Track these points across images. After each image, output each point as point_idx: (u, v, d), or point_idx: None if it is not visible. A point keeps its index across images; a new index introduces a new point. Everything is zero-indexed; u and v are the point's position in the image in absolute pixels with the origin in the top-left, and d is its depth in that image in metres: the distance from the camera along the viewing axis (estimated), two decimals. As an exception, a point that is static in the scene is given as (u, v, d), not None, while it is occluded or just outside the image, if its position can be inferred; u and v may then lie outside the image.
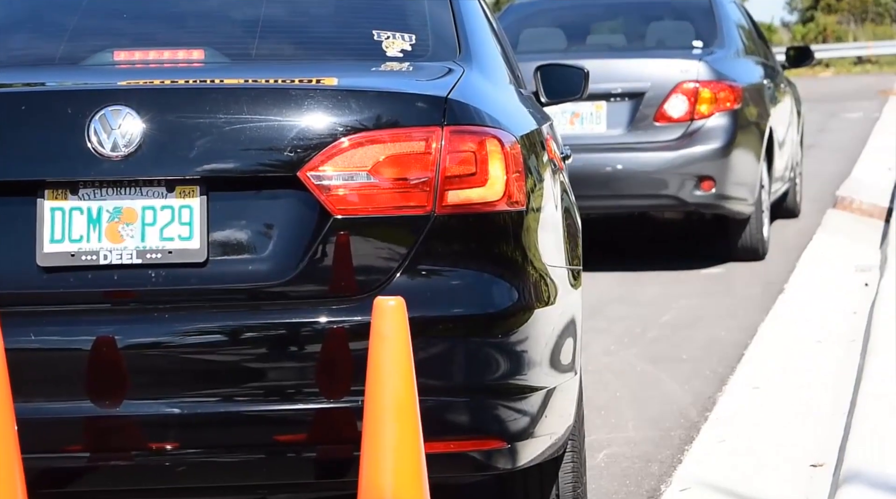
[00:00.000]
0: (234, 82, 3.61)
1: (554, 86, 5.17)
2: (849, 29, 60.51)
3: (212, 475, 3.46)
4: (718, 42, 9.79)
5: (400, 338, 3.00)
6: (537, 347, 3.54)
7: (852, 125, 20.38)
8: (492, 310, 3.45)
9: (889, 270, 7.82)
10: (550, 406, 3.62)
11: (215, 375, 3.39)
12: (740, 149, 9.18)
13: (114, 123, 3.40)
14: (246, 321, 3.39)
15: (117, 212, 3.42)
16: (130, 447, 3.39)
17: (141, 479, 3.46)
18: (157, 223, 3.42)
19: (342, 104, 3.46)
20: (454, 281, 3.46)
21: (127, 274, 3.41)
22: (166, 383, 3.37)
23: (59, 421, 3.38)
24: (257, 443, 3.41)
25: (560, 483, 3.97)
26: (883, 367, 5.59)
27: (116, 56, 3.97)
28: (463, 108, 3.50)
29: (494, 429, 3.45)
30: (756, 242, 9.44)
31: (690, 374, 6.37)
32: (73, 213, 3.42)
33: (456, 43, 4.02)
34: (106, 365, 3.36)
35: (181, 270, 3.41)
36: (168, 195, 3.42)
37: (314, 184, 3.40)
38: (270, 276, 3.40)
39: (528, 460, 3.57)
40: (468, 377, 3.42)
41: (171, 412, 3.36)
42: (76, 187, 3.42)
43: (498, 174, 3.48)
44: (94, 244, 3.40)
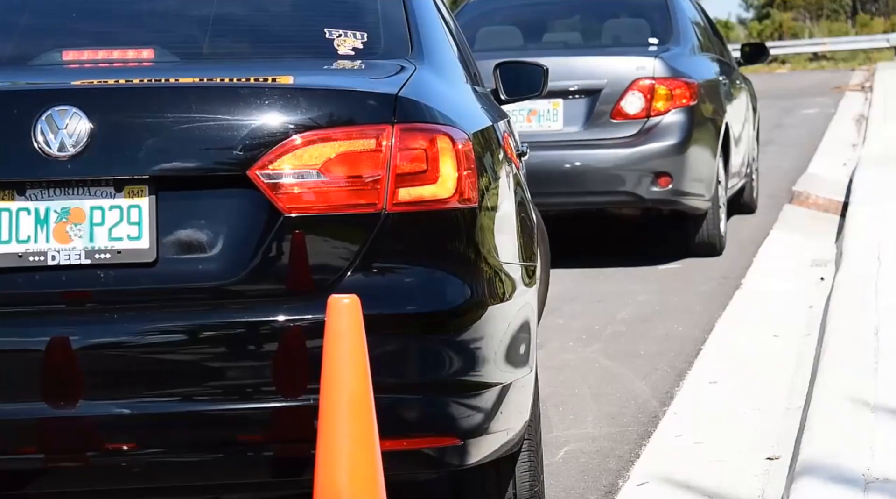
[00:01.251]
0: (183, 81, 3.61)
1: (513, 83, 5.20)
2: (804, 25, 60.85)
3: (167, 476, 3.44)
4: (674, 39, 9.82)
5: (355, 336, 2.99)
6: (490, 344, 3.54)
7: (808, 121, 20.49)
8: (444, 307, 3.45)
9: (844, 265, 7.88)
10: (505, 403, 3.61)
11: (166, 375, 3.37)
12: (697, 145, 9.21)
13: (60, 123, 3.38)
14: (196, 321, 3.38)
15: (65, 212, 3.40)
16: (82, 448, 3.37)
17: (96, 480, 3.44)
18: (106, 223, 3.40)
19: (292, 102, 3.45)
20: (406, 279, 3.46)
21: (76, 274, 3.38)
22: (117, 384, 3.35)
23: (10, 423, 3.35)
24: (210, 442, 3.39)
25: (517, 480, 3.96)
26: (838, 361, 5.63)
27: (65, 56, 3.95)
28: (413, 106, 3.50)
29: (447, 426, 3.45)
30: (713, 237, 9.48)
31: (648, 369, 6.39)
32: (21, 213, 3.40)
33: (408, 40, 4.01)
34: (56, 366, 3.34)
35: (130, 270, 3.39)
36: (116, 195, 3.41)
37: (264, 182, 3.39)
38: (220, 275, 3.39)
39: (482, 456, 3.57)
40: (420, 375, 3.42)
41: (122, 413, 3.34)
42: (23, 188, 3.40)
43: (449, 172, 3.48)
44: (42, 245, 3.38)
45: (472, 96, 4.22)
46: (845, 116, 20.79)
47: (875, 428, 4.63)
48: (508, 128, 4.61)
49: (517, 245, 3.92)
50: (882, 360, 5.56)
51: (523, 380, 3.78)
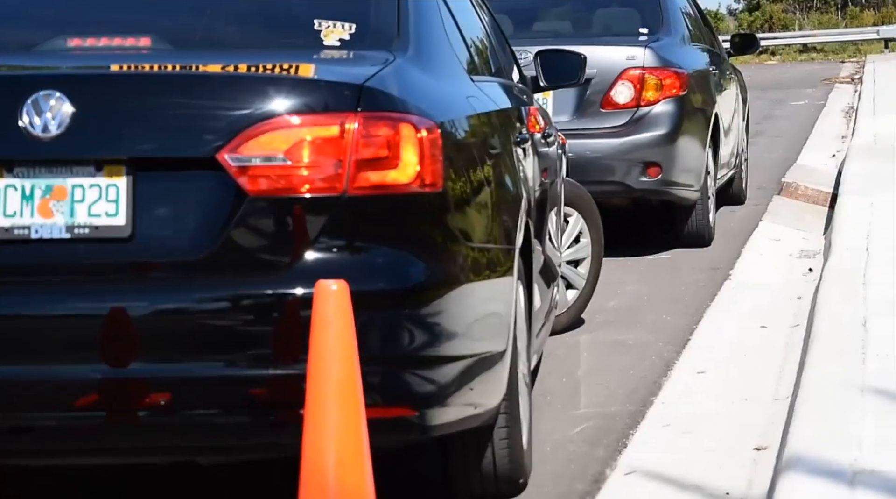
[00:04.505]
0: (159, 69, 3.88)
1: (552, 71, 5.62)
2: (794, 17, 60.85)
3: (139, 436, 3.67)
4: (664, 29, 9.81)
5: (342, 321, 2.99)
6: (449, 322, 3.71)
7: (797, 112, 20.51)
8: (398, 285, 3.63)
9: (833, 256, 7.88)
10: (467, 378, 3.80)
11: (137, 341, 3.57)
12: (686, 135, 9.21)
13: (45, 107, 3.60)
14: (165, 293, 3.59)
15: (49, 189, 3.61)
16: (57, 408, 3.59)
17: (73, 439, 3.66)
18: (86, 200, 3.60)
19: (261, 90, 3.67)
20: (363, 258, 3.64)
21: (56, 248, 3.60)
22: (93, 349, 3.56)
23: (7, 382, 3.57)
24: (178, 405, 3.59)
25: (496, 453, 4.18)
26: (827, 352, 5.63)
27: (56, 43, 4.15)
28: (378, 95, 3.69)
29: (402, 398, 3.64)
30: (702, 228, 9.47)
31: (636, 359, 6.38)
32: (8, 190, 3.61)
33: (395, 32, 4.16)
34: (36, 333, 3.58)
35: (107, 246, 3.60)
36: (96, 174, 3.61)
37: (231, 165, 3.58)
38: (189, 251, 3.59)
39: (441, 428, 3.78)
40: (375, 348, 3.57)
41: (95, 377, 3.55)
42: (11, 166, 3.62)
43: (411, 158, 3.66)
44: (27, 219, 3.60)
45: (463, 86, 4.32)
46: (835, 108, 20.81)
47: (863, 419, 4.63)
48: (518, 116, 4.81)
49: (490, 229, 4.06)
50: (870, 351, 5.56)
51: (490, 357, 3.96)
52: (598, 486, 4.59)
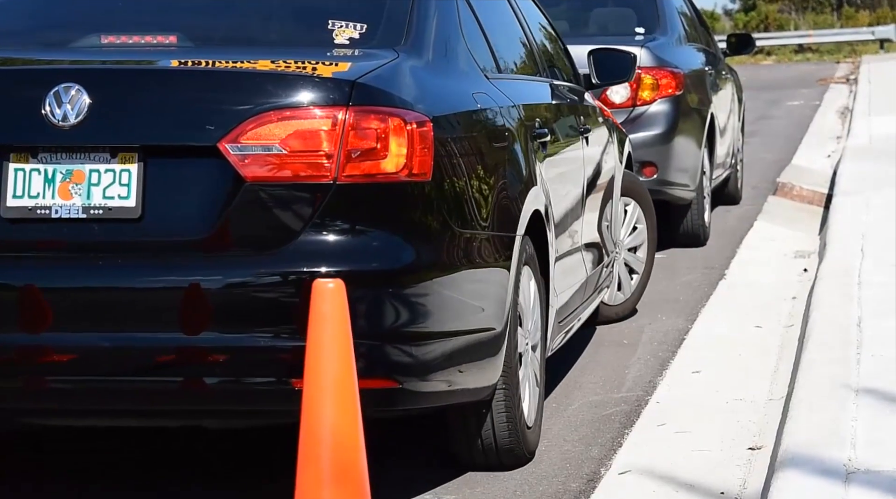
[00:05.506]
0: (168, 65, 4.23)
1: (604, 69, 6.06)
2: (790, 17, 60.90)
3: (139, 399, 3.98)
4: (661, 29, 9.81)
5: (339, 319, 3.00)
6: (434, 302, 3.99)
7: (793, 113, 20.52)
8: (382, 267, 3.91)
9: (828, 256, 7.89)
10: (454, 355, 4.09)
11: (146, 312, 3.90)
12: (682, 135, 9.21)
13: (65, 98, 3.94)
14: (171, 269, 3.90)
15: (69, 173, 3.96)
16: (72, 371, 3.92)
17: (87, 400, 3.99)
18: (101, 184, 3.94)
19: (260, 85, 3.99)
20: (351, 241, 3.92)
21: (74, 227, 3.95)
22: (105, 319, 3.89)
23: (13, 347, 3.90)
24: (178, 370, 3.91)
25: (495, 427, 4.48)
26: (821, 352, 5.64)
27: (86, 40, 4.53)
28: (369, 91, 3.98)
29: (387, 370, 3.91)
30: (697, 227, 9.48)
31: (632, 358, 6.39)
32: (33, 173, 3.97)
33: (404, 32, 4.44)
34: (55, 302, 3.91)
35: (119, 225, 3.94)
36: (111, 160, 3.95)
37: (231, 153, 3.90)
38: (192, 232, 3.91)
39: (425, 400, 4.08)
40: (362, 324, 3.83)
41: (108, 344, 3.88)
42: (36, 152, 3.97)
43: (399, 149, 3.95)
44: (49, 200, 3.95)
45: (471, 83, 4.60)
46: (830, 109, 20.83)
47: (857, 419, 4.64)
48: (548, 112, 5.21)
49: (482, 216, 4.29)
50: (864, 351, 5.57)
51: (482, 337, 4.24)
52: (592, 485, 4.60)
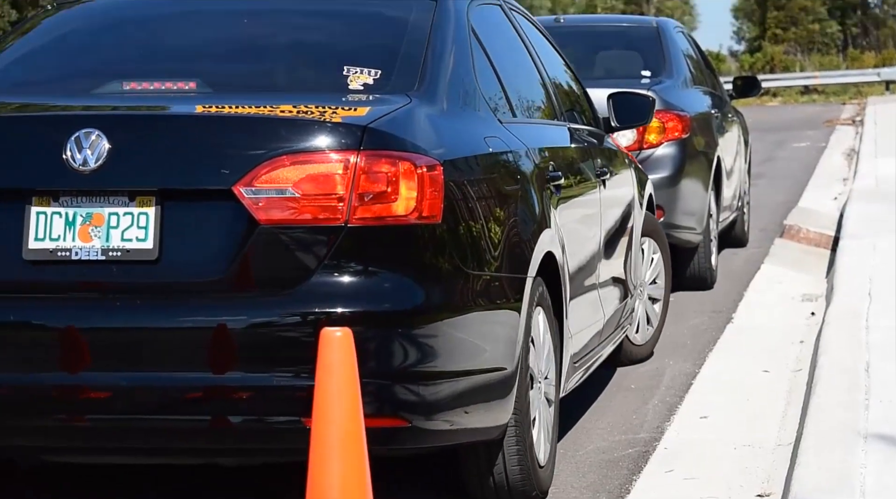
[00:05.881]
0: (186, 110, 4.32)
1: (624, 112, 6.23)
2: (796, 59, 61.04)
3: (159, 438, 4.05)
4: (667, 72, 9.84)
5: (347, 369, 2.99)
6: (445, 343, 4.06)
7: (799, 154, 20.54)
8: (390, 308, 3.99)
9: (835, 300, 7.88)
10: (464, 395, 4.15)
11: (162, 352, 3.98)
12: (689, 178, 9.22)
13: (86, 143, 4.05)
14: (187, 310, 4.00)
15: (89, 216, 4.07)
16: (90, 411, 4.00)
17: (102, 439, 4.07)
18: (120, 227, 4.05)
19: (274, 130, 4.09)
20: (362, 281, 3.99)
21: (93, 268, 4.05)
22: (122, 359, 3.98)
23: (35, 387, 4.00)
24: (194, 410, 3.98)
25: (507, 465, 4.52)
26: (829, 397, 5.62)
27: (110, 86, 4.62)
28: (380, 136, 4.07)
29: (396, 408, 3.98)
30: (704, 271, 9.47)
31: (639, 403, 6.37)
32: (54, 216, 4.08)
33: (417, 78, 4.52)
34: (73, 343, 3.98)
35: (137, 267, 4.03)
36: (129, 204, 4.06)
37: (245, 197, 3.99)
38: (207, 273, 4.00)
39: (437, 440, 4.14)
40: (371, 363, 3.90)
41: (126, 384, 3.96)
42: (57, 195, 4.09)
43: (409, 193, 4.03)
44: (69, 243, 4.06)
45: (483, 127, 4.68)
46: (836, 150, 20.85)
47: (866, 465, 4.62)
48: (563, 155, 5.33)
49: (491, 258, 4.36)
50: (873, 396, 5.55)
51: (492, 377, 4.29)
52: (601, 532, 4.58)
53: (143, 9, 5.22)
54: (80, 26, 5.13)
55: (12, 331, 4.05)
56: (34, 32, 5.10)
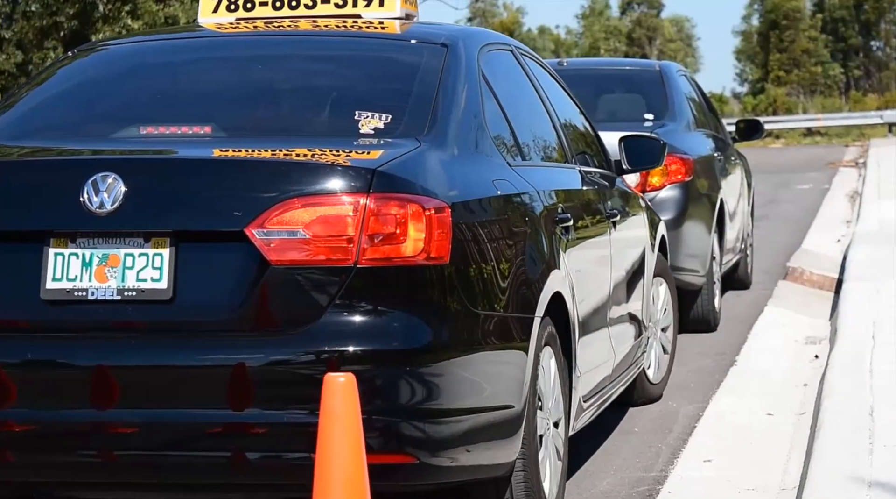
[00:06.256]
0: (200, 154, 4.41)
1: (635, 155, 6.36)
2: (798, 101, 61.20)
3: (173, 473, 4.11)
4: (669, 115, 9.86)
5: (350, 415, 2.99)
6: (450, 381, 4.12)
7: (802, 196, 20.57)
8: (403, 346, 4.06)
9: (839, 343, 7.87)
10: (471, 434, 4.21)
11: (178, 389, 4.06)
12: (692, 221, 9.23)
13: (102, 186, 4.14)
14: (201, 348, 4.08)
15: (105, 257, 4.16)
16: (110, 447, 4.08)
17: (121, 473, 4.13)
18: (135, 267, 4.13)
19: (285, 173, 4.16)
20: (371, 321, 4.07)
21: (109, 308, 4.13)
22: (138, 396, 4.07)
23: (53, 424, 4.09)
24: (208, 446, 4.06)
25: (514, 496, 4.55)
26: (833, 441, 5.61)
27: (128, 131, 4.74)
28: (389, 179, 4.14)
29: (403, 445, 4.04)
30: (708, 313, 9.47)
31: (642, 446, 6.36)
32: (71, 257, 4.17)
33: (427, 123, 4.60)
34: (90, 380, 4.08)
35: (151, 306, 4.12)
36: (145, 245, 4.15)
37: (257, 238, 4.07)
38: (220, 312, 4.09)
39: (443, 477, 4.18)
40: (377, 400, 4.00)
41: (141, 420, 4.05)
42: (75, 237, 4.18)
43: (417, 234, 4.11)
44: (86, 283, 4.15)
45: (492, 171, 4.76)
46: (839, 192, 20.87)
47: (870, 511, 4.60)
48: (573, 198, 5.44)
49: (498, 297, 4.42)
50: (877, 441, 5.53)
51: (498, 416, 4.35)
52: (604, 577, 4.56)
53: (159, 56, 5.34)
54: (97, 73, 5.24)
55: (30, 369, 4.14)
56: (53, 79, 5.21)
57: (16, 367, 4.12)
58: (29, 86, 5.17)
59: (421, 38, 5.14)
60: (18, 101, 5.03)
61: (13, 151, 4.59)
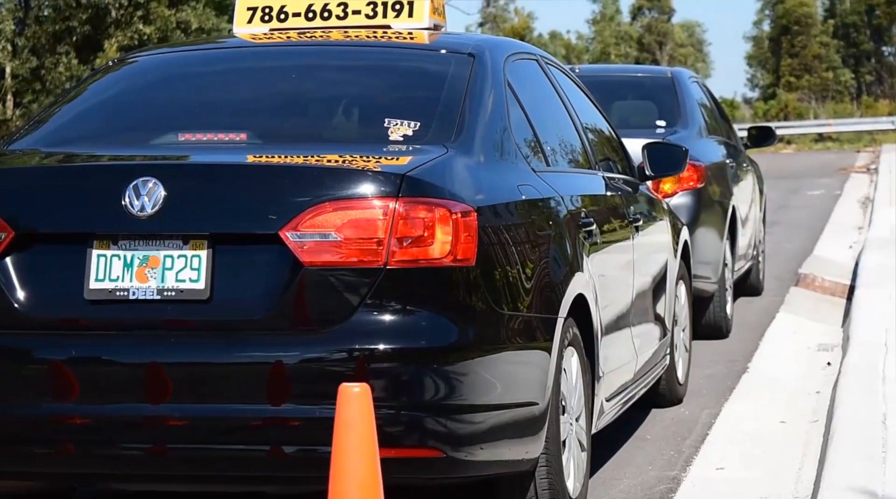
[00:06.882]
0: (236, 160, 4.57)
1: (658, 162, 6.54)
2: (810, 106, 61.13)
3: (205, 467, 4.25)
4: (682, 122, 9.86)
5: (364, 425, 2.99)
6: (476, 379, 4.26)
7: (814, 202, 20.55)
8: (429, 344, 4.21)
9: (851, 350, 7.86)
10: (495, 429, 4.34)
11: (215, 385, 4.20)
12: (704, 227, 9.22)
13: (143, 190, 4.30)
14: (236, 345, 4.22)
15: (145, 259, 4.32)
16: (148, 440, 4.23)
17: (153, 467, 4.27)
18: (174, 268, 4.29)
19: (318, 178, 4.31)
20: (400, 320, 4.21)
21: (149, 307, 4.29)
22: (177, 391, 4.21)
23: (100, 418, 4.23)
24: (242, 439, 4.19)
25: (538, 495, 4.70)
26: (846, 450, 5.60)
27: (168, 137, 4.90)
28: (417, 183, 4.29)
29: (432, 440, 4.18)
30: (720, 320, 9.46)
31: (655, 454, 6.36)
32: (113, 259, 4.33)
33: (454, 130, 4.75)
34: (131, 377, 4.23)
35: (189, 306, 4.28)
36: (183, 247, 4.31)
37: (291, 241, 4.23)
38: (255, 311, 4.24)
39: (470, 470, 4.32)
40: (407, 396, 4.16)
41: (180, 414, 4.19)
42: (116, 239, 4.35)
43: (444, 237, 4.25)
44: (127, 283, 4.31)
45: (517, 176, 4.90)
46: (851, 198, 20.85)
47: (884, 519, 4.60)
48: (597, 203, 5.58)
49: (531, 299, 4.58)
50: (890, 449, 5.53)
51: (522, 413, 4.48)
52: (617, 585, 4.56)
53: (195, 65, 5.52)
54: (136, 82, 5.41)
55: (75, 366, 4.28)
56: (93, 87, 5.35)
57: (62, 364, 4.26)
58: (70, 95, 5.32)
59: (449, 48, 5.28)
60: (60, 110, 5.19)
61: (57, 157, 4.75)
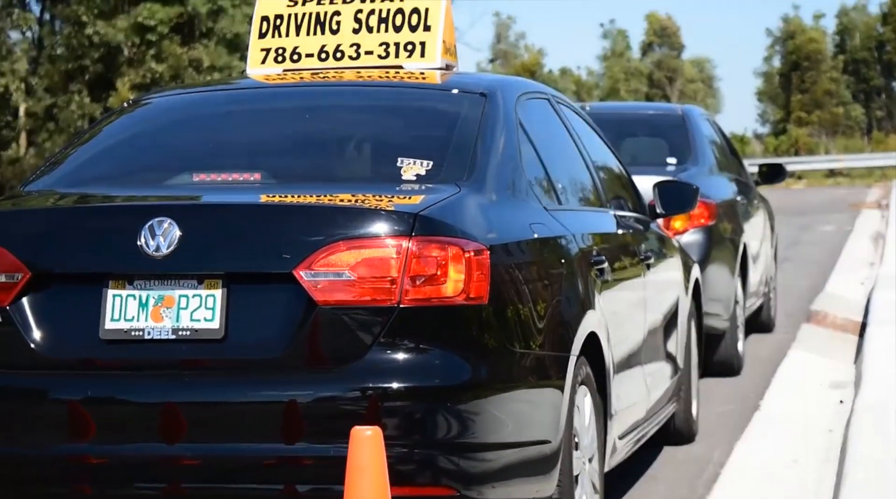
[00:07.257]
0: (250, 200, 4.56)
1: (669, 200, 6.59)
2: (820, 142, 61.15)
3: None
4: (692, 159, 9.88)
5: (376, 468, 2.99)
6: (488, 417, 4.26)
7: (825, 238, 20.52)
8: (443, 383, 4.21)
9: (863, 388, 7.83)
10: (508, 467, 4.34)
11: (230, 424, 4.21)
12: (715, 265, 9.22)
13: (159, 231, 4.33)
14: (251, 384, 4.24)
15: (160, 298, 4.34)
16: (161, 479, 4.25)
17: None
18: (189, 308, 4.31)
19: (331, 217, 4.33)
20: (413, 358, 4.22)
21: (164, 347, 4.31)
22: (192, 431, 4.22)
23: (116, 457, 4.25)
24: (264, 479, 4.19)
25: None
26: (859, 489, 5.58)
27: (181, 177, 4.90)
28: (430, 223, 4.31)
29: (446, 478, 4.19)
30: (731, 357, 9.45)
31: (666, 494, 6.33)
32: (129, 298, 4.35)
33: (466, 169, 4.76)
34: (146, 416, 4.25)
35: (204, 345, 4.29)
36: (198, 286, 4.33)
37: (305, 279, 4.24)
38: (269, 350, 4.25)
39: None
40: (420, 435, 4.17)
41: (194, 453, 4.20)
42: (132, 279, 4.37)
43: (457, 276, 4.27)
44: (142, 323, 4.33)
45: (529, 215, 4.92)
46: (862, 234, 20.82)
47: (897, 560, 4.57)
48: (608, 241, 5.60)
49: (534, 336, 4.56)
50: (903, 489, 5.50)
51: (535, 451, 4.48)
52: None
53: (209, 106, 5.55)
54: (151, 123, 5.45)
55: (91, 406, 4.30)
56: (108, 128, 5.38)
57: (78, 404, 4.29)
58: (85, 136, 5.34)
59: (461, 88, 5.30)
60: (76, 151, 5.21)
61: (73, 198, 4.79)
